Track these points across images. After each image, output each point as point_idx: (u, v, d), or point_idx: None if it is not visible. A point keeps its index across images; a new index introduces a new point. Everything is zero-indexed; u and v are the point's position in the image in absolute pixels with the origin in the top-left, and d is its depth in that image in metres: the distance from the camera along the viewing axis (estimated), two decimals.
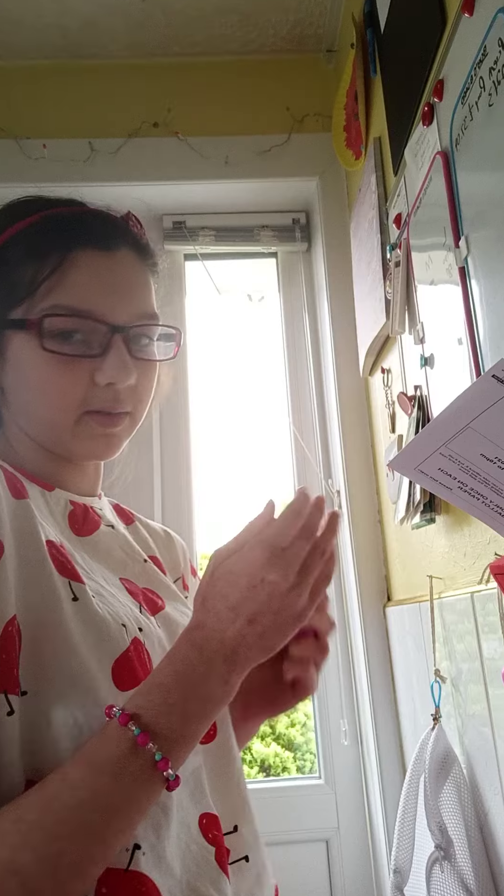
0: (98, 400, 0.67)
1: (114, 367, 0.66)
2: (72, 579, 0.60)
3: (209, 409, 1.77)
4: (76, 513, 0.71)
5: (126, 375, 0.66)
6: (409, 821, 0.99)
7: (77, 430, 0.68)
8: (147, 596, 0.70)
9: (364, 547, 1.50)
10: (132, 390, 0.69)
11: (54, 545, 0.62)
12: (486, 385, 0.52)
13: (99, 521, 0.73)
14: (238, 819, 0.64)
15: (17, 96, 1.72)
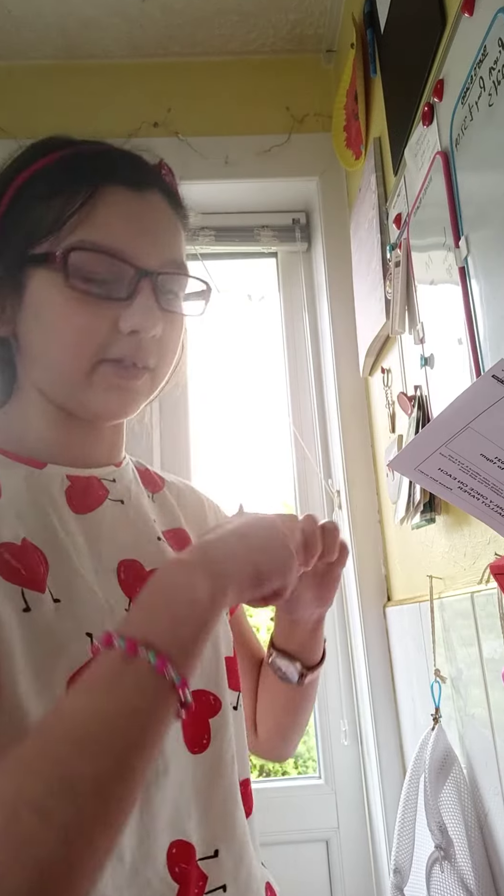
0: (118, 348, 0.62)
1: (140, 313, 0.61)
2: (27, 587, 0.55)
3: (209, 408, 1.77)
4: (74, 488, 0.65)
5: (152, 323, 0.62)
6: (409, 821, 0.99)
7: (92, 379, 0.62)
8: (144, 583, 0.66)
9: (364, 547, 1.50)
10: (156, 343, 0.64)
11: (10, 547, 0.57)
12: (486, 385, 0.52)
13: (103, 496, 0.67)
14: (220, 841, 0.60)
15: (17, 96, 1.72)
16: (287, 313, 1.83)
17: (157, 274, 0.63)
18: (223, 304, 1.83)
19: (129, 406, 0.66)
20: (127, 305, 0.61)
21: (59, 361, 0.63)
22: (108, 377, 0.63)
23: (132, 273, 0.61)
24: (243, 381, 1.83)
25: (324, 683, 1.57)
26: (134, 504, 0.70)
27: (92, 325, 0.61)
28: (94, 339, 0.61)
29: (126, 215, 0.62)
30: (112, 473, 0.71)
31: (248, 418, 1.83)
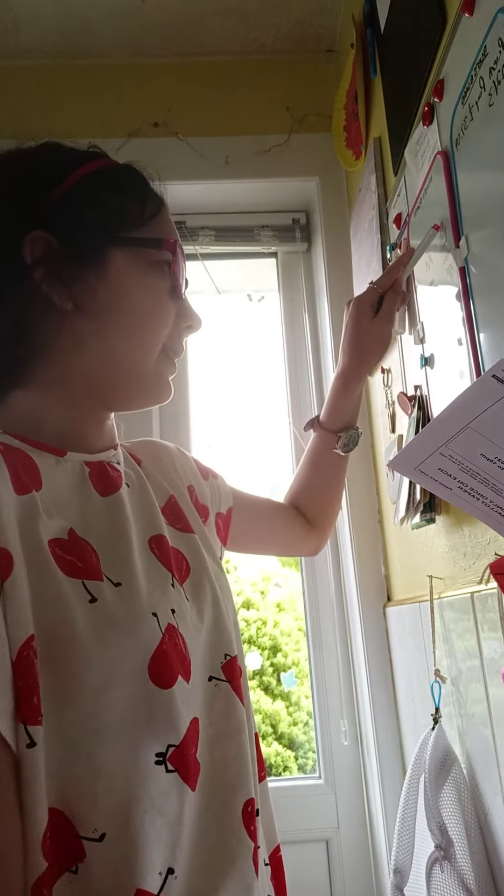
0: (174, 339, 0.73)
1: (192, 311, 0.74)
2: (86, 578, 0.56)
3: (209, 408, 1.77)
4: (94, 473, 0.67)
5: (201, 322, 0.75)
6: (409, 821, 0.99)
7: (159, 361, 0.71)
8: (176, 559, 0.67)
9: (364, 547, 1.50)
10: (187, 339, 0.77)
11: (61, 542, 0.57)
12: (486, 385, 0.52)
13: (120, 478, 0.69)
14: (259, 800, 0.64)
15: (17, 96, 1.72)
16: (287, 313, 1.83)
17: (187, 281, 0.75)
18: (223, 304, 1.83)
19: (166, 395, 0.74)
20: (182, 302, 0.73)
21: (138, 342, 0.68)
22: (164, 366, 0.72)
23: (180, 276, 0.72)
24: (243, 382, 1.83)
25: (324, 683, 1.57)
26: (137, 487, 0.73)
27: (169, 312, 0.71)
28: (166, 327, 0.71)
29: (175, 235, 0.73)
30: (115, 456, 0.73)
31: (248, 418, 1.83)
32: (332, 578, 1.62)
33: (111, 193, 0.68)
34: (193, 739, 0.58)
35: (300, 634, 1.91)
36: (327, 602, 1.61)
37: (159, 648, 0.56)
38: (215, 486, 0.92)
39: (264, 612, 1.98)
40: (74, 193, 0.66)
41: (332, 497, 1.10)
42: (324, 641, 1.60)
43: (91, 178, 0.68)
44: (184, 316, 0.73)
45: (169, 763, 0.54)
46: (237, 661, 0.67)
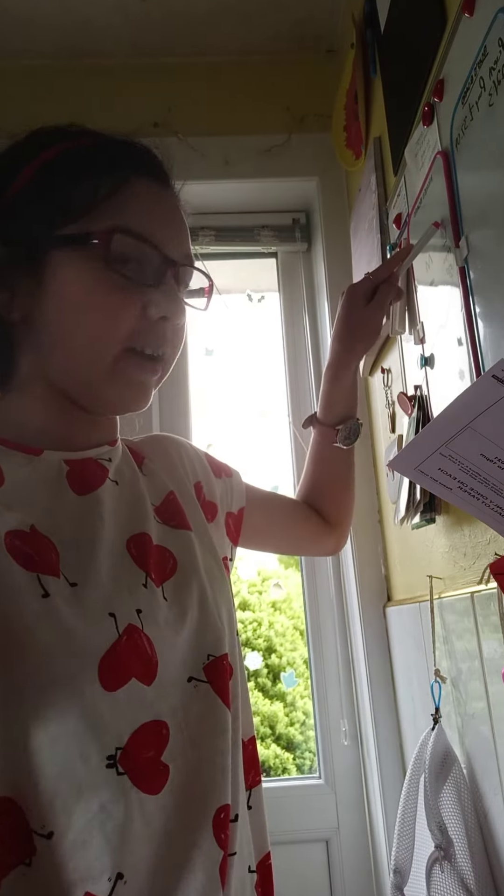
0: (144, 335, 0.63)
1: (170, 300, 0.63)
2: (42, 572, 0.55)
3: (209, 408, 1.77)
4: (73, 472, 0.65)
5: (180, 310, 0.65)
6: (409, 821, 0.99)
7: (115, 370, 0.63)
8: (158, 559, 0.65)
9: (364, 547, 1.50)
10: (175, 331, 0.66)
11: (20, 534, 0.56)
12: (486, 385, 0.52)
13: (104, 476, 0.67)
14: (239, 806, 0.62)
15: (17, 96, 1.72)
16: (287, 313, 1.83)
17: (179, 265, 0.65)
18: (223, 304, 1.83)
19: (145, 398, 0.67)
20: (155, 292, 0.63)
21: (85, 347, 0.63)
22: (130, 370, 0.64)
23: (159, 261, 0.63)
24: (243, 381, 1.83)
25: (324, 683, 1.57)
26: (128, 485, 0.70)
27: (125, 308, 0.62)
28: (125, 324, 0.62)
29: (155, 206, 0.64)
30: (108, 453, 0.71)
31: (248, 418, 1.83)
32: (332, 578, 1.62)
33: (60, 184, 0.62)
34: (152, 743, 0.55)
35: (296, 634, 1.91)
36: (327, 602, 1.61)
37: (112, 650, 0.54)
38: (229, 484, 0.89)
39: (259, 614, 1.98)
40: (24, 190, 0.63)
41: (344, 492, 1.07)
42: (324, 641, 1.59)
43: (42, 170, 0.63)
44: (153, 305, 0.63)
45: (120, 766, 0.53)
46: (225, 661, 0.64)
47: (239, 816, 0.61)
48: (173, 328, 0.65)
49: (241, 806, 0.63)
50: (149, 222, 0.63)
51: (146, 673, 0.57)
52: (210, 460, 0.87)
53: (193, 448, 0.87)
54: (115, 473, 0.70)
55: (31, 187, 0.62)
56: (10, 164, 0.64)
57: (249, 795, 0.66)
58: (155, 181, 0.66)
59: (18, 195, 0.62)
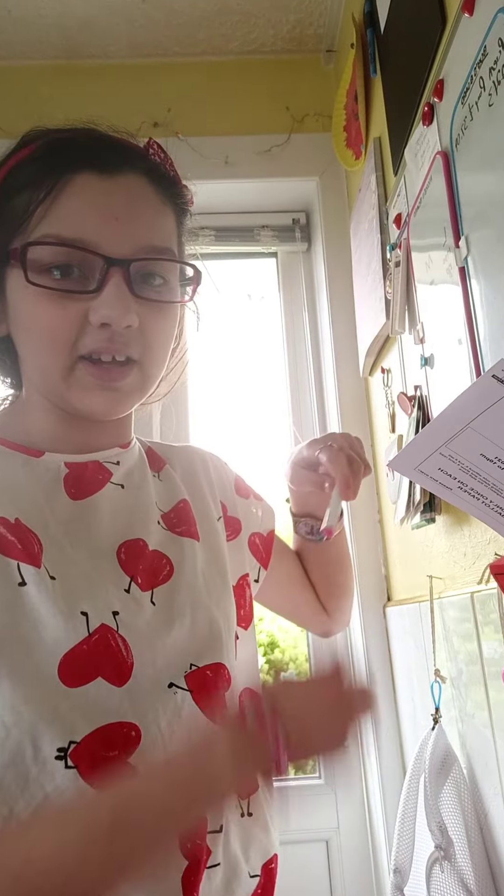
0: (91, 341, 0.59)
1: (107, 304, 0.58)
2: (23, 561, 0.55)
3: (209, 409, 1.77)
4: (72, 475, 0.65)
5: (122, 313, 0.58)
6: (409, 821, 0.99)
7: (71, 379, 0.61)
8: (151, 565, 0.64)
9: (364, 547, 1.50)
10: (137, 334, 0.61)
11: (4, 522, 0.57)
12: (486, 385, 0.52)
13: (105, 479, 0.67)
14: (223, 817, 0.60)
15: (17, 96, 1.72)
16: (287, 313, 1.83)
17: (129, 261, 0.59)
18: (223, 304, 1.83)
19: (117, 406, 0.64)
20: (96, 297, 0.59)
21: (38, 362, 0.62)
22: (85, 379, 0.61)
23: (101, 262, 0.58)
24: (243, 382, 1.83)
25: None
26: (135, 488, 0.70)
27: (61, 321, 0.59)
28: (65, 336, 0.59)
29: (92, 203, 0.59)
30: (117, 455, 0.70)
31: (248, 418, 1.83)
32: None
33: (7, 200, 0.61)
34: (117, 743, 0.55)
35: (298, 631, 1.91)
36: None
37: (78, 647, 0.54)
38: (256, 507, 0.86)
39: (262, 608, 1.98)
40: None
41: (327, 585, 0.92)
42: (324, 641, 1.60)
43: (1, 183, 0.63)
44: (92, 311, 0.59)
45: (70, 759, 0.52)
46: (210, 671, 0.63)
47: (225, 827, 0.60)
48: (133, 331, 0.61)
49: (231, 816, 0.62)
50: (84, 222, 0.58)
51: (117, 674, 0.57)
52: (239, 482, 0.86)
53: (224, 466, 0.85)
54: (123, 477, 0.69)
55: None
56: None
57: (248, 803, 0.65)
58: (98, 173, 0.60)
59: None
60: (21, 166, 0.62)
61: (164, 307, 0.64)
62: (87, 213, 0.59)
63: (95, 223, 0.59)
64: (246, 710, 0.53)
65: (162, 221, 0.64)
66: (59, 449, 0.66)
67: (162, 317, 0.64)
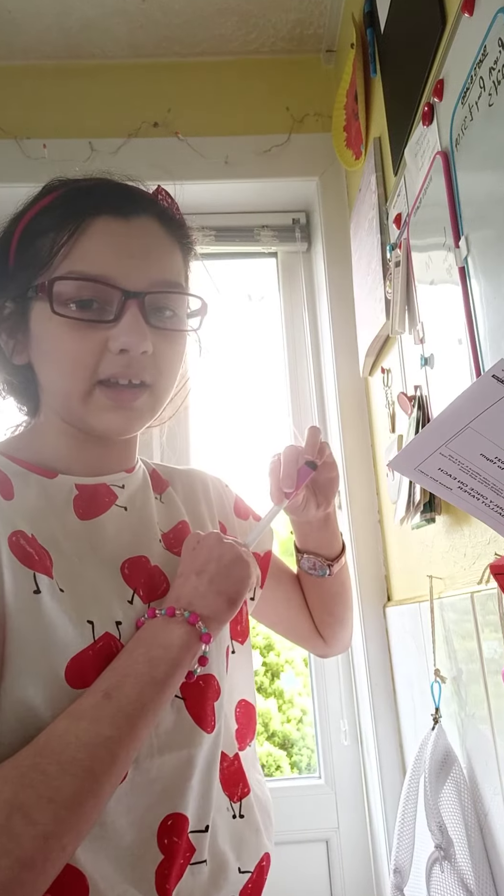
0: (110, 367, 0.66)
1: (126, 332, 0.65)
2: (38, 571, 0.61)
3: (209, 409, 1.77)
4: (82, 496, 0.71)
5: (139, 341, 0.65)
6: (409, 821, 0.99)
7: (89, 402, 0.67)
8: (152, 580, 0.70)
9: (364, 547, 1.50)
10: (151, 360, 0.68)
11: (22, 535, 0.62)
12: (486, 385, 0.52)
13: (109, 503, 0.72)
14: (210, 817, 0.64)
15: (17, 96, 1.72)
16: (287, 313, 1.83)
17: (144, 294, 0.66)
18: (223, 304, 1.83)
19: (131, 424, 0.70)
20: (114, 326, 0.65)
21: (59, 387, 0.68)
22: (102, 401, 0.67)
23: (118, 295, 0.65)
24: (243, 382, 1.83)
25: (324, 683, 1.57)
26: (138, 510, 0.75)
27: (82, 348, 0.65)
28: (86, 362, 0.66)
29: (111, 242, 0.66)
30: (122, 479, 0.76)
31: (248, 418, 1.82)
32: None
33: (31, 242, 0.68)
34: None
35: None
36: None
37: (83, 652, 0.59)
38: (253, 527, 0.88)
39: None
40: (15, 251, 0.69)
41: (326, 616, 0.95)
42: None
43: (27, 226, 0.69)
44: (112, 339, 0.65)
45: None
46: (202, 681, 0.67)
47: (212, 828, 0.64)
48: (147, 357, 0.67)
49: (220, 817, 0.66)
50: (105, 259, 0.65)
51: None
52: (238, 503, 0.92)
53: (225, 488, 0.91)
54: (127, 500, 0.74)
55: (19, 248, 0.69)
56: (8, 228, 0.71)
57: (241, 807, 0.70)
58: (115, 217, 0.67)
59: (13, 256, 0.70)
60: (45, 212, 0.68)
61: (175, 335, 0.71)
62: (106, 251, 0.66)
63: (114, 260, 0.66)
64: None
65: (172, 258, 0.71)
66: (71, 471, 0.72)
67: (172, 344, 0.71)
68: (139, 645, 0.61)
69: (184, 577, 0.67)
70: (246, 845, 0.68)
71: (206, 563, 0.67)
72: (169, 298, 0.69)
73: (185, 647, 0.61)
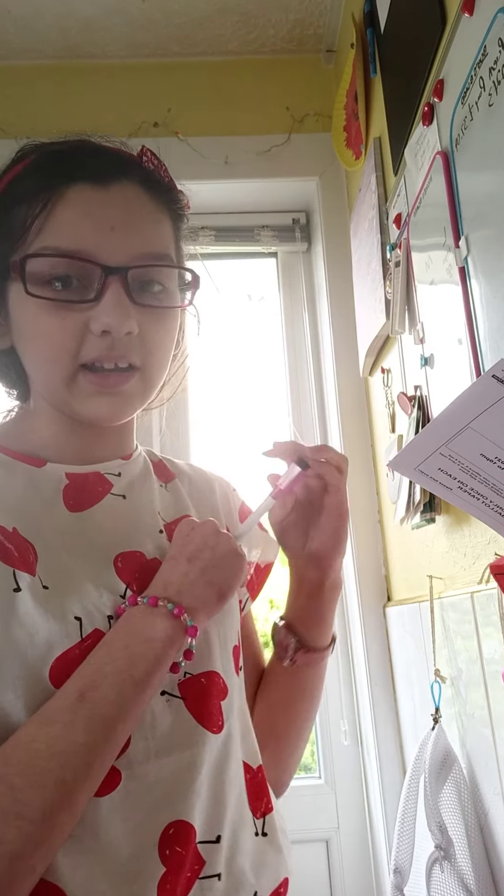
0: (93, 350, 0.60)
1: (107, 312, 0.59)
2: (18, 568, 0.57)
3: (209, 409, 1.77)
4: (72, 486, 0.66)
5: (122, 321, 0.59)
6: (409, 821, 0.99)
7: (73, 387, 0.62)
8: (147, 573, 0.64)
9: (364, 547, 1.50)
10: (138, 341, 0.62)
11: (2, 530, 0.58)
12: (486, 385, 0.52)
13: (103, 492, 0.67)
14: (224, 827, 0.58)
15: (17, 96, 1.72)
16: (287, 313, 1.83)
17: (128, 269, 0.60)
18: (223, 304, 1.83)
19: (119, 410, 0.64)
20: (95, 305, 0.60)
21: (41, 372, 0.64)
22: (87, 387, 0.62)
23: (98, 272, 0.59)
24: (243, 382, 1.83)
25: (324, 683, 1.57)
26: (136, 498, 0.70)
27: (62, 331, 0.60)
28: (67, 346, 0.60)
29: (87, 213, 0.60)
30: (118, 467, 0.71)
31: (248, 418, 1.82)
32: None
33: (8, 212, 0.62)
34: None
35: None
36: None
37: (70, 651, 0.55)
38: (259, 536, 0.83)
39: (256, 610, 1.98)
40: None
41: (274, 727, 0.76)
42: None
43: (1, 197, 0.64)
44: (93, 320, 0.59)
45: None
46: (205, 678, 0.63)
47: (229, 841, 0.59)
48: (133, 338, 0.61)
49: (244, 833, 0.61)
50: (81, 233, 0.59)
51: None
52: (244, 508, 0.84)
53: (233, 492, 0.84)
54: (124, 488, 0.69)
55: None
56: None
57: (263, 823, 0.64)
58: (92, 184, 0.61)
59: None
60: (17, 181, 0.63)
61: (164, 313, 0.65)
62: (82, 223, 0.60)
63: (92, 233, 0.60)
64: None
65: (158, 228, 0.65)
66: (62, 459, 0.67)
67: (162, 323, 0.64)
68: (118, 637, 0.56)
69: (174, 560, 0.62)
70: (267, 867, 0.62)
71: (199, 551, 0.62)
72: (156, 272, 0.63)
73: (168, 641, 0.56)
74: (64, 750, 0.48)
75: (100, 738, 0.50)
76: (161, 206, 0.66)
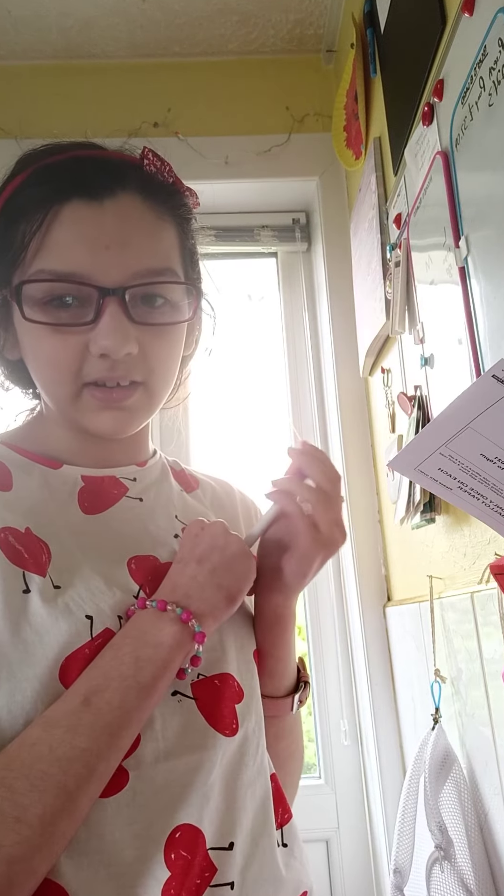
0: (94, 370, 0.60)
1: (105, 335, 0.58)
2: (28, 570, 0.57)
3: (209, 409, 1.77)
4: (87, 489, 0.66)
5: (121, 343, 0.59)
6: (409, 821, 0.99)
7: (78, 403, 0.62)
8: (160, 576, 0.63)
9: (364, 547, 1.50)
10: (140, 359, 0.61)
11: (12, 532, 0.58)
12: (486, 385, 0.52)
13: (119, 495, 0.67)
14: (237, 834, 0.57)
15: (17, 96, 1.72)
16: (287, 313, 1.83)
17: (125, 289, 0.59)
18: (223, 304, 1.82)
19: (125, 424, 0.64)
20: (93, 327, 0.59)
21: (46, 389, 0.64)
22: (92, 403, 0.62)
23: (95, 293, 0.59)
24: (243, 382, 1.83)
25: (324, 683, 1.57)
26: (153, 502, 0.70)
27: (62, 354, 0.60)
28: (67, 368, 0.60)
29: (81, 234, 0.59)
30: (134, 472, 0.71)
31: (248, 418, 1.82)
32: (332, 578, 1.62)
33: (9, 228, 0.61)
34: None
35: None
36: (327, 602, 1.61)
37: (80, 650, 0.55)
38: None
39: None
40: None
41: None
42: (324, 641, 1.60)
43: (3, 208, 0.63)
44: (92, 343, 0.59)
45: None
46: (219, 681, 0.62)
47: (247, 849, 0.57)
48: (133, 357, 0.61)
49: (254, 837, 0.59)
50: (73, 254, 0.58)
51: None
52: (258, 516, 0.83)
53: (252, 504, 0.83)
54: (141, 491, 0.70)
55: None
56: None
57: (282, 834, 0.63)
58: (86, 201, 0.59)
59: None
60: (15, 196, 0.63)
61: (166, 328, 0.64)
62: (76, 244, 0.59)
63: (86, 254, 0.59)
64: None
65: (158, 240, 0.63)
66: (78, 462, 0.67)
67: (165, 338, 0.64)
68: (125, 641, 0.55)
69: (183, 563, 0.61)
70: (286, 880, 0.60)
71: (209, 552, 0.61)
72: (157, 286, 0.62)
73: (175, 646, 0.56)
74: (66, 755, 0.48)
75: (103, 744, 0.50)
76: (163, 214, 0.64)
